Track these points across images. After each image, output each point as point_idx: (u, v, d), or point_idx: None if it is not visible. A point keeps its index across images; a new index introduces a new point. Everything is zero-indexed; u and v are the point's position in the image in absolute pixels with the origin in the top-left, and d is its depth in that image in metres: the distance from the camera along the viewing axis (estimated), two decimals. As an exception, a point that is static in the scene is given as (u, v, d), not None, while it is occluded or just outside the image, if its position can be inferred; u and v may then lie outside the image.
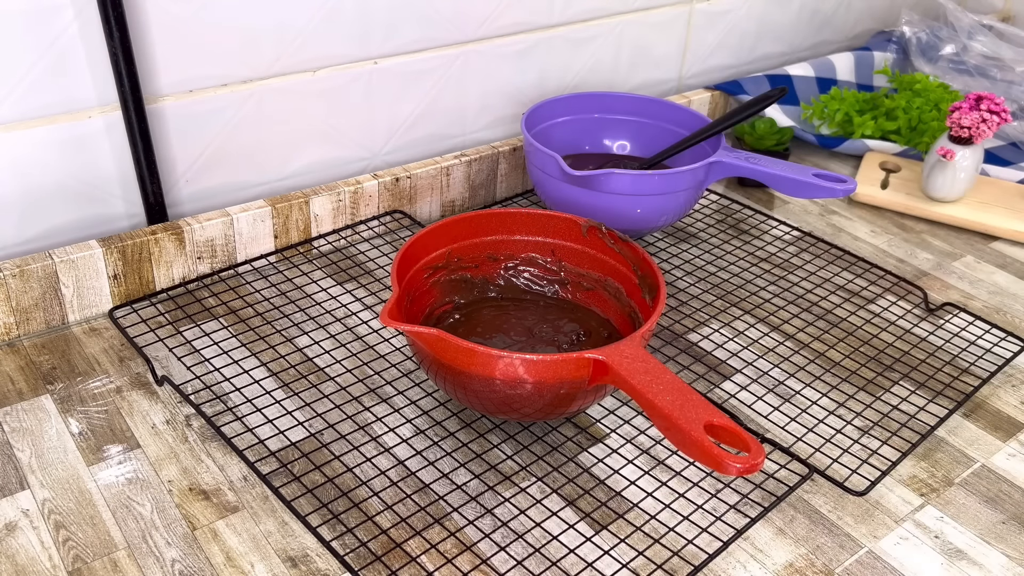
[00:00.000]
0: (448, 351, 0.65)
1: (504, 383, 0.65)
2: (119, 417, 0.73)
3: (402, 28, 0.96)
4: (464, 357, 0.64)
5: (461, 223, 0.80)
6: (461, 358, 0.64)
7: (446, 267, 0.80)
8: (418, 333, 0.64)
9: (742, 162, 0.91)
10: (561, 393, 0.66)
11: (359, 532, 0.65)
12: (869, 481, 0.71)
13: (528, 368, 0.63)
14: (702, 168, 0.90)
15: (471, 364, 0.64)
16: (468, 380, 0.66)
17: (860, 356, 0.86)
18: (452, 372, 0.66)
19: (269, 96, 0.91)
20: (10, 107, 0.78)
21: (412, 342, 0.70)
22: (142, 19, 0.80)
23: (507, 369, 0.63)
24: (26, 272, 0.78)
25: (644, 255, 0.75)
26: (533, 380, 0.64)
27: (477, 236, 0.81)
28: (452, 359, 0.65)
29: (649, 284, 0.75)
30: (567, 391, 0.66)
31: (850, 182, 0.86)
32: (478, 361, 0.64)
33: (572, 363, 0.63)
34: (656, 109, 1.04)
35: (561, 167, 0.87)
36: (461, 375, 0.66)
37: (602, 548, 0.65)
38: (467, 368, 0.65)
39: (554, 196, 0.93)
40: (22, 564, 0.61)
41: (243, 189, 0.94)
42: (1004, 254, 1.05)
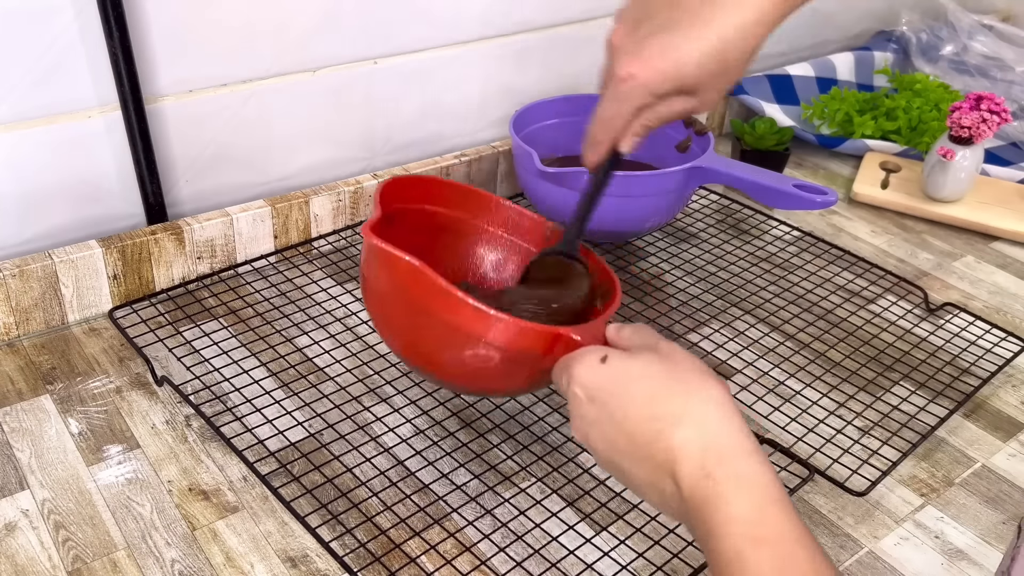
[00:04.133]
0: (424, 291, 0.59)
1: (473, 339, 0.59)
2: (119, 417, 0.73)
3: (402, 28, 0.96)
4: (439, 301, 0.59)
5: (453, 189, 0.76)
6: (437, 302, 0.59)
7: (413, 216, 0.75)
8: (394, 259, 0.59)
9: (723, 168, 0.90)
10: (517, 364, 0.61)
11: (359, 533, 0.65)
12: (869, 481, 0.71)
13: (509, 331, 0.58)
14: (681, 173, 0.89)
15: (443, 309, 0.59)
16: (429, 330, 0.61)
17: (860, 356, 0.86)
18: (419, 316, 0.61)
19: (269, 96, 0.91)
20: (10, 107, 0.78)
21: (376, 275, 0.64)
22: (142, 19, 0.80)
23: (486, 327, 0.58)
24: (26, 272, 0.78)
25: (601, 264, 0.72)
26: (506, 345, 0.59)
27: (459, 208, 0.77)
28: (426, 301, 0.60)
29: (604, 291, 0.71)
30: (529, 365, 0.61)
31: (831, 194, 0.84)
32: (452, 307, 0.59)
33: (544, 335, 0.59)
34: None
35: (535, 164, 0.88)
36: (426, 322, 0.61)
37: (602, 549, 0.65)
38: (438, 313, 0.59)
39: (536, 194, 0.93)
40: (22, 564, 0.61)
41: (243, 189, 0.94)
42: (1004, 254, 1.05)
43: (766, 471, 0.46)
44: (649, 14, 0.57)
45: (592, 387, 0.52)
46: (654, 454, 0.48)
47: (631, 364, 0.52)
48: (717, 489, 0.45)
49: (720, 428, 0.47)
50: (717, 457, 0.46)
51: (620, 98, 0.58)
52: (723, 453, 0.46)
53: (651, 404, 0.49)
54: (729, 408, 0.48)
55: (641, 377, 0.50)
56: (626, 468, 0.50)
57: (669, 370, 0.50)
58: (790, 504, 0.45)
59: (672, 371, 0.50)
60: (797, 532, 0.44)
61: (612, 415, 0.50)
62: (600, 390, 0.51)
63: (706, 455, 0.46)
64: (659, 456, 0.48)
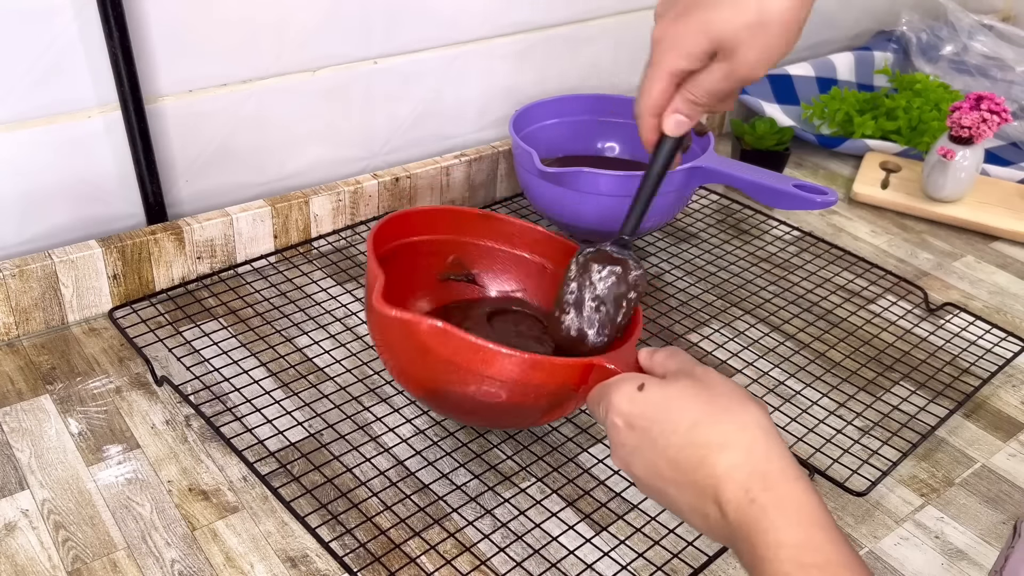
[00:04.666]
0: (448, 346, 0.59)
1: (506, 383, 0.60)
2: (119, 417, 0.73)
3: (402, 28, 0.96)
4: (467, 355, 0.59)
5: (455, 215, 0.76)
6: (463, 355, 0.59)
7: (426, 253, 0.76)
8: (417, 323, 0.59)
9: (723, 168, 0.90)
10: (553, 400, 0.63)
11: (358, 533, 0.64)
12: (869, 481, 0.71)
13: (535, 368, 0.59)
14: (681, 173, 0.89)
15: (472, 361, 0.59)
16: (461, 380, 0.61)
17: (860, 356, 0.86)
18: (447, 370, 0.61)
19: (269, 96, 0.91)
20: (10, 107, 0.78)
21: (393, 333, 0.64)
22: (142, 19, 0.80)
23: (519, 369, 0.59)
24: (26, 272, 0.78)
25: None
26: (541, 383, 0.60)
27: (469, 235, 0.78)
28: (452, 355, 0.60)
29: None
30: (565, 397, 0.62)
31: (831, 194, 0.84)
32: (481, 358, 0.59)
33: (578, 368, 0.59)
34: None
35: (535, 163, 0.88)
36: (456, 374, 0.61)
37: (602, 550, 0.65)
38: (467, 366, 0.60)
39: (536, 194, 0.93)
40: (22, 564, 0.61)
41: (243, 189, 0.94)
42: (1004, 254, 1.05)
43: (812, 496, 0.46)
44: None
45: (632, 415, 0.52)
46: (697, 480, 0.48)
47: (669, 390, 0.51)
48: (764, 515, 0.45)
49: (766, 453, 0.47)
50: (762, 483, 0.46)
51: (654, 63, 0.57)
52: (769, 478, 0.46)
53: (693, 430, 0.49)
54: (772, 432, 0.48)
55: (681, 403, 0.50)
56: (671, 494, 0.50)
57: (709, 396, 0.50)
58: (837, 529, 0.45)
59: (712, 397, 0.50)
60: (844, 557, 0.44)
61: (654, 442, 0.50)
62: (640, 417, 0.51)
63: (751, 480, 0.46)
64: (703, 482, 0.48)
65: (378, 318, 0.64)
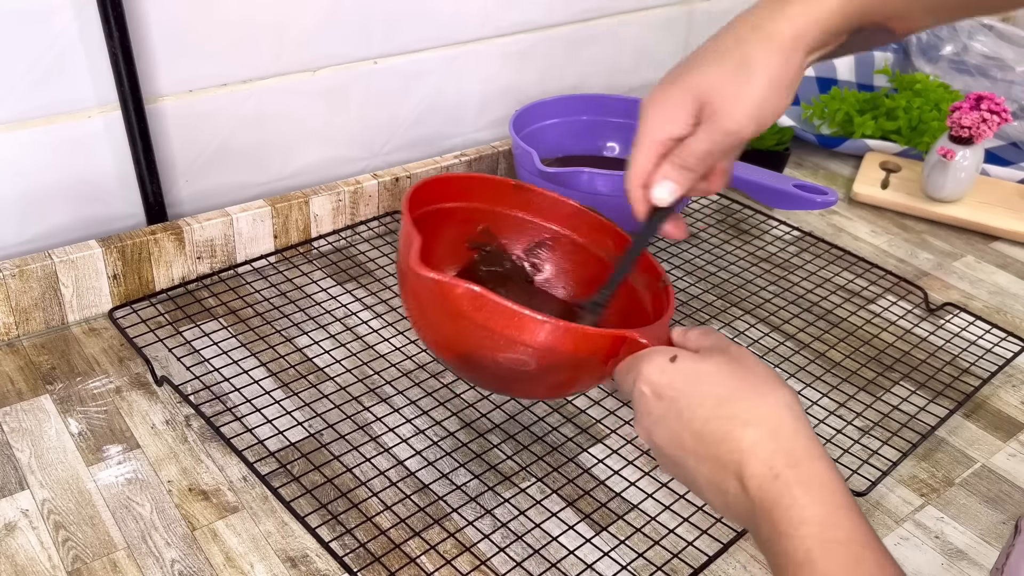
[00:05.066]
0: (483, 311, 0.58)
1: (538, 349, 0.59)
2: (119, 417, 0.73)
3: (402, 28, 0.96)
4: (502, 320, 0.58)
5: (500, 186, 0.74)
6: (498, 321, 0.58)
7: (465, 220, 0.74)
8: (452, 287, 0.58)
9: None
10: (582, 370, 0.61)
11: (358, 533, 0.64)
12: (870, 481, 0.71)
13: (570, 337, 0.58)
14: None
15: (507, 327, 0.58)
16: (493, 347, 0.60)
17: (860, 356, 0.86)
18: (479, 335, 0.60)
19: (269, 96, 0.91)
20: (10, 107, 0.78)
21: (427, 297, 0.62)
22: (142, 19, 0.80)
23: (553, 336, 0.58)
24: (26, 272, 0.78)
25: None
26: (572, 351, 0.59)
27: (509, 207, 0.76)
28: (485, 320, 0.58)
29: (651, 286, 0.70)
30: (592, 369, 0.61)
31: (831, 194, 0.84)
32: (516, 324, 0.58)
33: (610, 339, 0.58)
34: None
35: (535, 164, 0.88)
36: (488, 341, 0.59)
37: (602, 550, 0.65)
38: (502, 331, 0.58)
39: None
40: (21, 564, 0.61)
41: (243, 189, 0.94)
42: (1004, 254, 1.05)
43: (835, 476, 0.46)
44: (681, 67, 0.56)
45: (661, 384, 0.51)
46: (720, 454, 0.48)
47: (702, 365, 0.51)
48: (787, 491, 0.45)
49: (792, 432, 0.47)
50: (787, 459, 0.46)
51: (640, 132, 0.56)
52: (793, 455, 0.46)
53: (721, 404, 0.49)
54: (800, 414, 0.48)
55: (712, 377, 0.50)
56: (690, 466, 0.50)
57: (742, 373, 0.50)
58: (858, 509, 0.45)
59: (744, 374, 0.50)
60: (866, 536, 0.44)
61: (680, 412, 0.50)
62: (669, 387, 0.51)
63: (775, 457, 0.46)
64: (725, 456, 0.47)
65: (412, 281, 0.62)
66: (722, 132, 0.54)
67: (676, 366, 0.52)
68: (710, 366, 0.51)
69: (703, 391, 0.50)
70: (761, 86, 0.53)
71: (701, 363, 0.52)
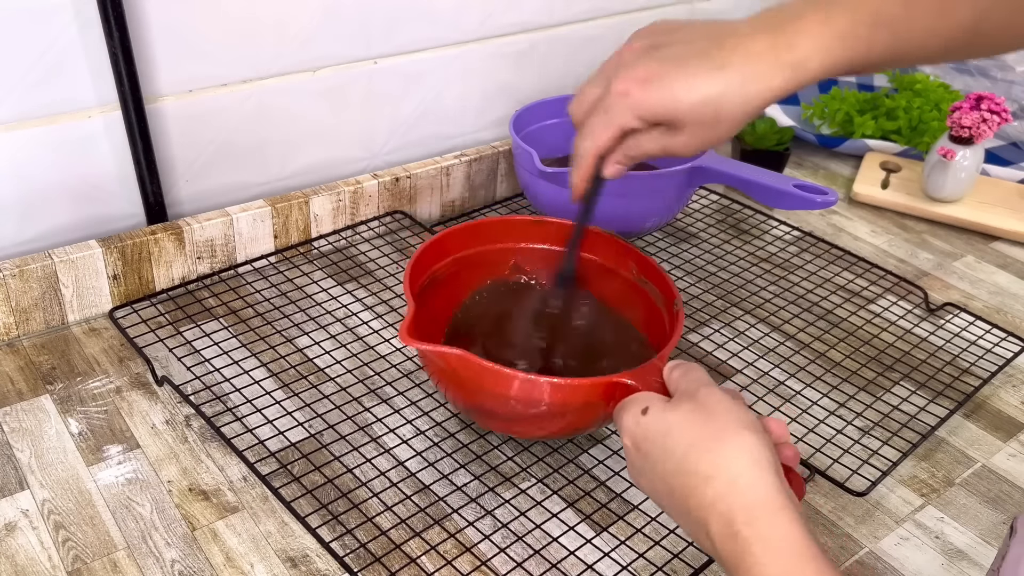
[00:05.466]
0: (471, 372, 0.63)
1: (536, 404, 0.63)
2: (119, 417, 0.73)
3: (402, 28, 0.96)
4: (489, 379, 0.63)
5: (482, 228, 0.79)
6: (486, 380, 0.63)
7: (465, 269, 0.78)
8: (441, 353, 0.63)
9: (723, 168, 0.90)
10: (584, 414, 0.65)
11: (359, 533, 0.64)
12: (870, 481, 0.71)
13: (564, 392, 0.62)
14: (681, 172, 0.89)
15: (495, 385, 0.63)
16: (488, 400, 0.65)
17: (860, 356, 0.86)
18: (474, 393, 0.65)
19: (269, 96, 0.91)
20: (10, 107, 0.78)
21: (426, 359, 0.69)
22: (142, 19, 0.80)
23: (536, 393, 0.62)
24: (26, 272, 0.78)
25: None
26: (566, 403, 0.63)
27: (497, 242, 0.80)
28: (475, 380, 0.64)
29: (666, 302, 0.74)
30: (594, 412, 0.65)
31: (831, 194, 0.84)
32: (502, 383, 0.62)
33: (599, 387, 0.61)
34: None
35: (535, 164, 0.88)
36: (482, 395, 0.65)
37: (603, 550, 0.65)
38: (491, 389, 0.63)
39: (536, 194, 0.93)
40: (22, 564, 0.61)
41: (243, 189, 0.94)
42: (1005, 254, 1.05)
43: (796, 527, 0.46)
44: (665, 42, 0.56)
45: (636, 437, 0.53)
46: (690, 509, 0.49)
47: (670, 416, 0.52)
48: (747, 549, 0.45)
49: (750, 484, 0.47)
50: (746, 516, 0.46)
51: (610, 111, 0.57)
52: (752, 511, 0.46)
53: (685, 459, 0.49)
54: (763, 461, 0.48)
55: (677, 428, 0.51)
56: (675, 514, 0.51)
57: (703, 421, 0.50)
58: (823, 558, 0.45)
59: (707, 423, 0.50)
60: None
61: (654, 467, 0.51)
62: (644, 440, 0.53)
63: (734, 513, 0.46)
64: (694, 512, 0.48)
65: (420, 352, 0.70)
66: (669, 150, 0.58)
67: (647, 419, 0.53)
68: (677, 416, 0.52)
69: (670, 444, 0.51)
70: (723, 133, 0.56)
71: (669, 414, 0.52)
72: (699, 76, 0.54)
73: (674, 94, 0.54)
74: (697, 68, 0.54)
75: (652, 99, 0.55)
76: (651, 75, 0.55)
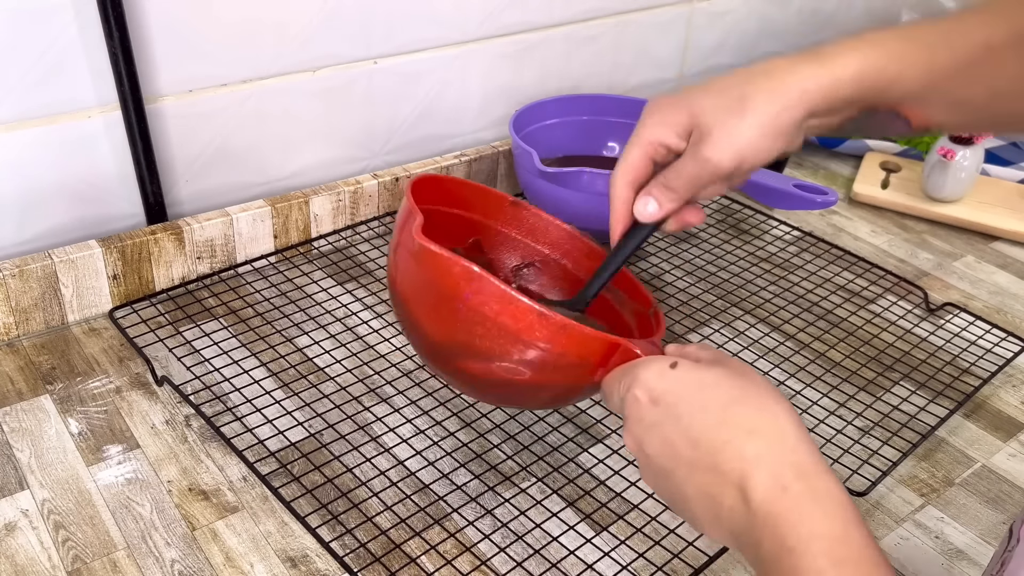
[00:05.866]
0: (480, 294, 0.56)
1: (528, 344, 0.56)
2: (119, 417, 0.73)
3: (402, 28, 0.96)
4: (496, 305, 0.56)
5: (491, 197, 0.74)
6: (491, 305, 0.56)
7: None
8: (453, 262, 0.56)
9: None
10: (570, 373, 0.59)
11: (359, 533, 0.64)
12: (870, 481, 0.71)
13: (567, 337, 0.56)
14: None
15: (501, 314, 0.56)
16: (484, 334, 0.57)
17: (860, 356, 0.86)
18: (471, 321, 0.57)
19: (269, 96, 0.91)
20: (10, 107, 0.78)
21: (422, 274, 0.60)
22: (142, 19, 0.80)
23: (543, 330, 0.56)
24: (26, 272, 0.78)
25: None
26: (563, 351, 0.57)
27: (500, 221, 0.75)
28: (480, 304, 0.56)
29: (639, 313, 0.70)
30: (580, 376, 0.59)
31: (831, 194, 0.84)
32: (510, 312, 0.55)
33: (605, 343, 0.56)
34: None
35: (535, 164, 0.88)
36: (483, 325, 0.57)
37: (602, 550, 0.65)
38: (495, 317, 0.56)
39: (536, 194, 0.93)
40: (21, 564, 0.61)
41: (243, 189, 0.94)
42: (1005, 254, 1.05)
43: (844, 491, 0.45)
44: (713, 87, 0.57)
45: (659, 390, 0.50)
46: (720, 463, 0.46)
47: (704, 373, 0.50)
48: (796, 505, 0.44)
49: (795, 444, 0.46)
50: (796, 472, 0.45)
51: (635, 133, 0.58)
52: (802, 468, 0.45)
53: (724, 412, 0.47)
54: (803, 428, 0.47)
55: (714, 385, 0.49)
56: (680, 476, 0.48)
57: (744, 385, 0.49)
58: (867, 527, 0.44)
59: (747, 386, 0.49)
60: (876, 556, 0.43)
61: (679, 418, 0.48)
62: (668, 392, 0.50)
63: (783, 469, 0.45)
64: (725, 465, 0.46)
65: (405, 260, 0.61)
66: (703, 158, 0.55)
67: (677, 372, 0.50)
68: (712, 376, 0.50)
69: (704, 397, 0.49)
70: (751, 125, 0.54)
71: (703, 372, 0.50)
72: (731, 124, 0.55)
73: (694, 95, 0.55)
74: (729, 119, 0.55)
75: (674, 103, 0.56)
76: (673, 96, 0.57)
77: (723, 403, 0.48)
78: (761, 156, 0.55)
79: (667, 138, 0.56)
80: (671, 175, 0.57)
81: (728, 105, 0.54)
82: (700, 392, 0.49)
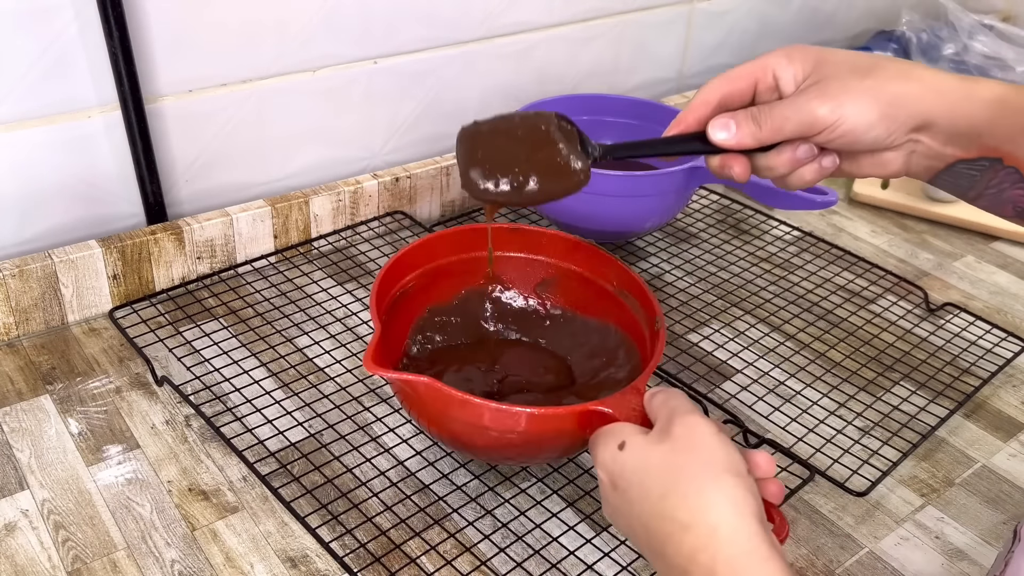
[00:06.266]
0: (440, 401, 0.60)
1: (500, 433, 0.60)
2: (119, 417, 0.73)
3: (402, 28, 0.96)
4: (457, 408, 0.59)
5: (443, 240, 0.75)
6: (454, 409, 0.60)
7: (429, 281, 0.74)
8: (407, 381, 0.60)
9: None
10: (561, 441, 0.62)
11: (359, 533, 0.64)
12: (870, 482, 0.71)
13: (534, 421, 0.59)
14: (681, 172, 0.89)
15: (463, 414, 0.60)
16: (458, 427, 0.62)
17: (861, 356, 0.86)
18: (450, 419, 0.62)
19: (269, 96, 0.91)
20: (10, 107, 0.78)
21: (395, 387, 0.65)
22: (142, 19, 0.80)
23: (504, 421, 0.59)
24: (26, 272, 0.78)
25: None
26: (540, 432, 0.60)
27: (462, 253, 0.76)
28: (445, 408, 0.60)
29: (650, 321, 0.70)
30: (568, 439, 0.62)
31: (831, 194, 0.84)
32: (471, 412, 0.59)
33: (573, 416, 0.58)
34: (647, 111, 1.03)
35: None
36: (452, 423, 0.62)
37: (602, 550, 0.65)
38: (460, 417, 0.60)
39: None
40: (21, 564, 0.61)
41: (243, 189, 0.94)
42: (1005, 254, 1.05)
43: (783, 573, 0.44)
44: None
45: (615, 473, 0.50)
46: (667, 555, 0.46)
47: (649, 453, 0.49)
48: None
49: (732, 533, 0.45)
50: (728, 569, 0.44)
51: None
52: (735, 563, 0.44)
53: (663, 502, 0.47)
54: (745, 508, 0.45)
55: (656, 470, 0.48)
56: (650, 559, 0.49)
57: (682, 466, 0.47)
58: None
59: (684, 468, 0.47)
60: None
61: (631, 506, 0.49)
62: (620, 477, 0.50)
63: (716, 566, 0.44)
64: (671, 559, 0.46)
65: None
66: (804, 101, 0.53)
67: (624, 455, 0.50)
68: (655, 456, 0.49)
69: (647, 484, 0.48)
70: (869, 88, 0.52)
71: (647, 451, 0.50)
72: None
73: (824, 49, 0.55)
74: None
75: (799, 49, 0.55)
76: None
77: (660, 493, 0.47)
78: (859, 129, 0.52)
79: (782, 71, 0.54)
80: (763, 109, 0.54)
81: (856, 64, 0.52)
82: (643, 477, 0.49)
